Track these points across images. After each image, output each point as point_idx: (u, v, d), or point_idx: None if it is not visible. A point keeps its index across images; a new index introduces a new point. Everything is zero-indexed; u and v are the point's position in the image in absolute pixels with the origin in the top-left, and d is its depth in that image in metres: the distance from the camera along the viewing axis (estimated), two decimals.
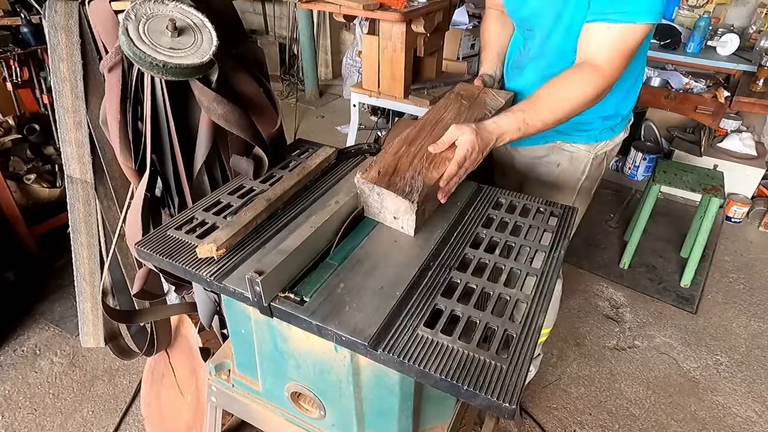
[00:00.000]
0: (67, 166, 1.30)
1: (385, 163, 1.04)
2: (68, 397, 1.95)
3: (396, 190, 0.97)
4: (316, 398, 1.02)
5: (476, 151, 1.06)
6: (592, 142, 1.40)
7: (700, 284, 2.56)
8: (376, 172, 1.01)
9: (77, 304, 1.51)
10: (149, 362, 1.74)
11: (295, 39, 5.01)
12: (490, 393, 0.69)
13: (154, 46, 0.98)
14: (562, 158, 1.45)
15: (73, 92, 1.21)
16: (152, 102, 1.09)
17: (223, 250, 0.92)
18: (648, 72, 3.03)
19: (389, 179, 0.99)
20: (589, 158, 1.42)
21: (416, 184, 0.99)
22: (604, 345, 2.22)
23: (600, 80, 1.12)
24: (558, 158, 1.46)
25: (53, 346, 2.15)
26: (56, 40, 1.15)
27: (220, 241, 0.91)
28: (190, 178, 1.19)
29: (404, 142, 1.12)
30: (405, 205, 0.96)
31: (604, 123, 1.37)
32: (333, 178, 1.21)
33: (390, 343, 0.77)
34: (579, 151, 1.42)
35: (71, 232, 1.40)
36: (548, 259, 0.96)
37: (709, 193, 2.37)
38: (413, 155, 1.08)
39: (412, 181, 1.00)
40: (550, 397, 1.97)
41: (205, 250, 0.91)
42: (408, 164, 1.04)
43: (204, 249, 0.91)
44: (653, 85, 2.98)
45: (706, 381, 2.05)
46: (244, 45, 1.23)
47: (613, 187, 3.41)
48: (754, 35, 3.06)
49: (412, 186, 0.98)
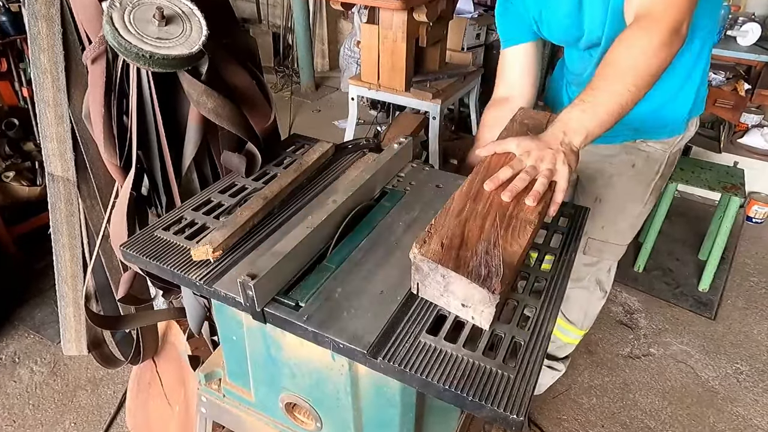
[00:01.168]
0: (48, 163, 1.30)
1: (447, 230, 0.85)
2: (49, 408, 1.94)
3: (469, 274, 0.77)
4: (312, 409, 1.02)
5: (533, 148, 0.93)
6: (676, 134, 1.33)
7: (720, 288, 2.56)
8: (438, 245, 0.82)
9: (59, 309, 1.50)
10: (135, 371, 1.74)
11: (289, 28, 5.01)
12: (496, 404, 0.69)
13: (141, 35, 0.98)
14: (637, 158, 1.39)
15: (54, 85, 1.21)
16: (138, 95, 1.08)
17: (220, 252, 0.92)
18: None
19: (458, 254, 0.80)
20: (665, 156, 1.37)
21: (494, 263, 0.79)
22: (618, 353, 2.22)
23: (661, 25, 0.95)
24: (632, 158, 1.39)
25: (33, 354, 2.15)
26: (36, 30, 1.15)
27: (216, 242, 0.91)
28: (179, 175, 1.19)
29: (467, 197, 0.92)
30: (481, 295, 0.77)
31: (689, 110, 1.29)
32: (330, 175, 1.21)
33: (390, 350, 0.77)
34: (656, 150, 1.36)
35: (52, 233, 1.39)
36: (559, 261, 0.96)
37: (729, 192, 2.37)
38: (482, 217, 0.88)
39: (487, 257, 0.80)
40: (560, 408, 1.97)
41: (200, 252, 0.90)
42: (478, 231, 0.85)
43: (199, 251, 0.91)
44: None
45: (726, 391, 2.05)
46: (235, 34, 1.23)
47: None
48: None
49: (489, 266, 0.78)
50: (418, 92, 2.63)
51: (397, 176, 1.21)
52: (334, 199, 1.01)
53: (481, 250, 0.81)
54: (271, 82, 4.93)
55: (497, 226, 0.86)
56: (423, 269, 0.82)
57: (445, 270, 0.78)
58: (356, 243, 0.99)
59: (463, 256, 0.80)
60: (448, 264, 0.78)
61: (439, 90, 2.67)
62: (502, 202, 0.91)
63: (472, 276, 0.77)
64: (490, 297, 0.76)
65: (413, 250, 0.81)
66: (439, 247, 0.81)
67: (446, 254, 0.80)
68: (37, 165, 2.64)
